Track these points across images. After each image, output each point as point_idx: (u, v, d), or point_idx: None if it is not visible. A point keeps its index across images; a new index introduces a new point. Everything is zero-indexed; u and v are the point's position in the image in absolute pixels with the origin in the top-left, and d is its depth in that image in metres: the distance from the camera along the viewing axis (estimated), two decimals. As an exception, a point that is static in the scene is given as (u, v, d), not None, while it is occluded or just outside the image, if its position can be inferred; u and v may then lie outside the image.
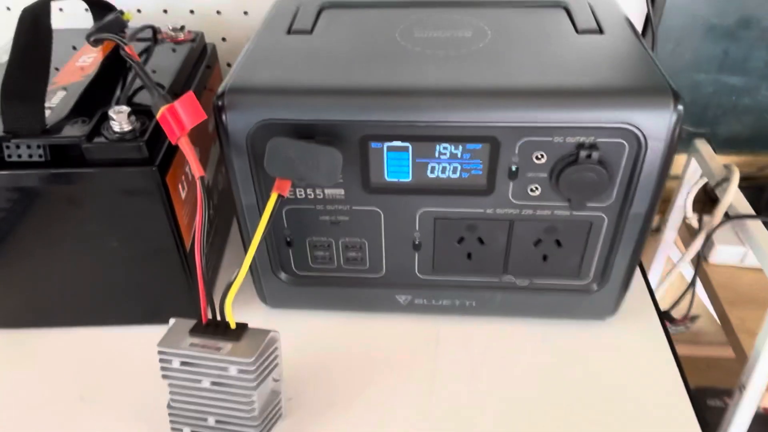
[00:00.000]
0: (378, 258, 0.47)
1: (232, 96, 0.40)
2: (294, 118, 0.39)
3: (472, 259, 0.47)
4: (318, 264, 0.48)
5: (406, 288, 0.49)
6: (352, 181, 0.43)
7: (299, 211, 0.45)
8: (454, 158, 0.41)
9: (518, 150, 0.40)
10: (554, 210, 0.43)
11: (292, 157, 0.38)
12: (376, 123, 0.39)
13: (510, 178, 0.41)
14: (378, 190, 0.43)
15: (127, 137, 0.42)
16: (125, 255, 0.46)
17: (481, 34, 0.46)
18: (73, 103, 0.45)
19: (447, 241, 0.46)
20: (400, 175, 0.42)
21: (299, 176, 0.39)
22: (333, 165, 0.39)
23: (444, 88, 0.39)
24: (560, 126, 0.38)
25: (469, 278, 0.48)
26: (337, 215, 0.45)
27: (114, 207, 0.44)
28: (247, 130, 0.40)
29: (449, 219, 0.44)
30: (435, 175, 0.42)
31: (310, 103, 0.39)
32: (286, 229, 0.46)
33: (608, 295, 0.48)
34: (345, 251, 0.47)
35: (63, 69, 0.50)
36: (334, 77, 0.41)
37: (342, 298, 0.50)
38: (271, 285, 0.50)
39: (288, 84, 0.40)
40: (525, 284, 0.48)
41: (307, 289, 0.50)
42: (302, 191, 0.44)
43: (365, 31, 0.48)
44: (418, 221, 0.45)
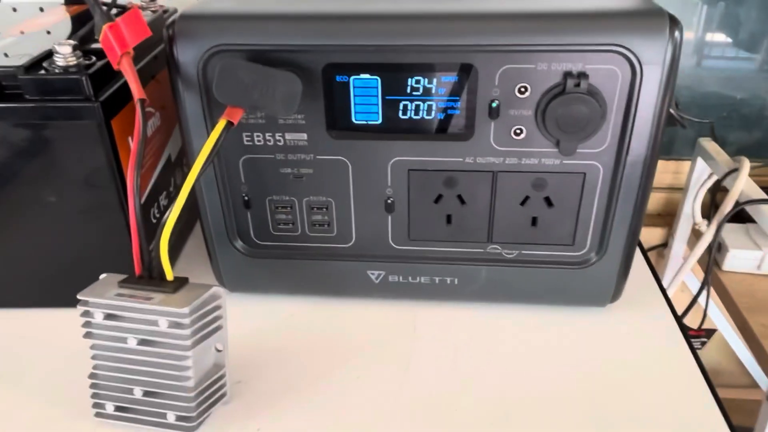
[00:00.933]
0: (347, 222, 0.42)
1: (182, 23, 0.36)
2: (249, 43, 0.36)
3: (453, 223, 0.42)
4: (280, 230, 0.43)
5: (378, 260, 0.44)
6: (315, 124, 0.39)
7: (257, 162, 0.40)
8: (428, 94, 0.37)
9: (498, 80, 0.36)
10: (542, 158, 0.38)
11: (246, 82, 0.35)
12: (340, 48, 0.36)
13: (491, 117, 0.37)
14: (344, 134, 0.39)
15: (71, 71, 0.38)
16: (63, 213, 0.42)
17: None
18: (22, 45, 0.42)
19: (423, 200, 0.41)
20: (368, 116, 0.38)
21: (252, 103, 0.35)
22: (291, 92, 0.35)
23: (416, 12, 0.36)
24: (544, 50, 0.35)
25: (449, 248, 0.43)
26: (299, 167, 0.40)
27: (52, 152, 0.40)
28: (198, 59, 0.36)
29: (425, 170, 0.40)
30: (407, 116, 0.38)
31: (267, 28, 0.36)
32: (243, 185, 0.42)
33: (608, 271, 0.42)
34: (309, 214, 0.42)
35: (21, 25, 0.48)
36: (297, 5, 0.38)
37: (307, 275, 0.45)
38: (228, 259, 0.44)
39: (244, 10, 0.37)
40: (513, 255, 0.43)
41: (269, 263, 0.44)
42: (260, 136, 0.39)
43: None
44: (390, 173, 0.40)
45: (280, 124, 0.39)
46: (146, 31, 0.35)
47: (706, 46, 0.82)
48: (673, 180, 0.78)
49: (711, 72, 0.83)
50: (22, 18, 0.51)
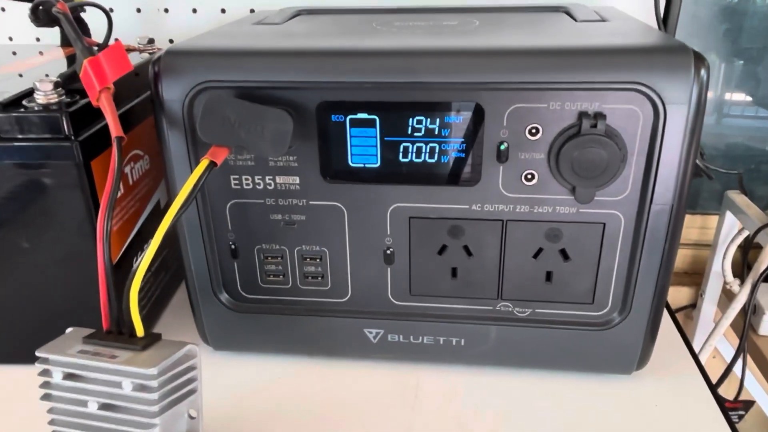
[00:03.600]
0: (342, 274, 0.39)
1: (168, 59, 0.35)
2: (238, 79, 0.34)
3: (458, 277, 0.38)
4: (270, 283, 0.40)
5: (377, 318, 0.40)
6: (308, 167, 0.36)
7: (246, 208, 0.38)
8: (431, 136, 0.35)
9: (507, 120, 0.33)
10: (556, 206, 0.35)
11: (231, 119, 0.33)
12: (336, 85, 0.34)
13: (500, 161, 0.35)
14: (340, 177, 0.36)
15: (51, 108, 0.37)
16: (36, 261, 0.39)
17: (467, 24, 0.42)
18: (2, 86, 0.41)
19: (426, 251, 0.38)
20: (366, 159, 0.36)
21: (239, 142, 0.33)
22: (281, 130, 0.33)
23: (418, 48, 0.34)
24: (557, 88, 0.32)
25: (455, 305, 0.39)
26: (291, 213, 0.38)
27: (28, 194, 0.38)
28: (184, 97, 0.35)
29: (427, 218, 0.37)
30: (408, 159, 0.36)
31: (258, 63, 0.34)
32: (230, 232, 0.39)
33: (633, 334, 0.38)
34: (302, 265, 0.39)
35: (9, 65, 0.47)
36: (290, 43, 0.36)
37: (298, 332, 0.41)
38: (213, 313, 0.41)
39: (234, 45, 0.36)
40: (525, 314, 0.39)
41: (257, 319, 0.41)
42: (249, 180, 0.37)
43: (342, 23, 0.44)
44: (389, 221, 0.37)
45: (271, 166, 0.37)
46: (128, 65, 0.33)
47: (725, 105, 0.81)
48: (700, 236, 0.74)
49: (731, 130, 0.81)
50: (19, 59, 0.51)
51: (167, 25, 0.60)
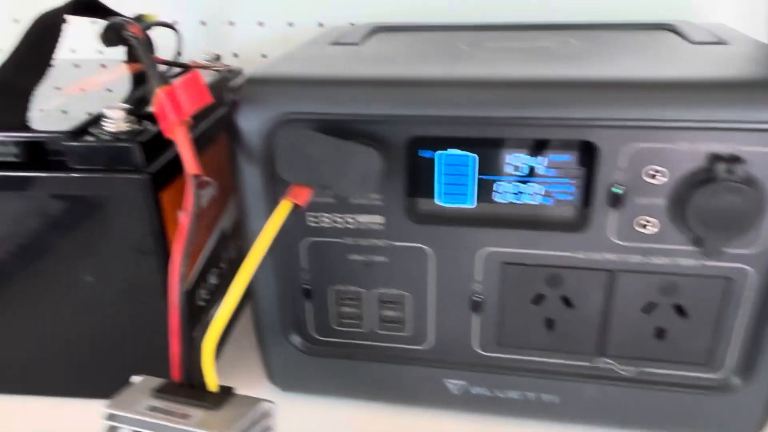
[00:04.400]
0: (423, 320, 0.36)
1: (248, 88, 0.32)
2: (322, 111, 0.31)
3: (555, 329, 0.35)
4: (344, 325, 0.38)
5: (460, 368, 0.37)
6: (393, 206, 0.33)
7: (322, 247, 0.35)
8: (534, 175, 0.31)
9: (626, 162, 0.30)
10: (676, 257, 0.31)
11: (315, 157, 0.30)
12: (428, 119, 0.31)
13: (612, 206, 0.31)
14: (428, 218, 0.33)
15: (121, 138, 0.35)
16: (100, 295, 0.37)
17: (565, 44, 0.38)
18: (72, 107, 0.39)
19: (519, 300, 0.34)
20: (458, 198, 0.33)
21: (322, 182, 0.30)
22: (369, 170, 0.30)
23: (523, 78, 0.31)
24: (687, 126, 0.28)
25: (548, 359, 0.36)
26: (371, 254, 0.35)
27: (94, 227, 0.36)
28: (264, 129, 0.32)
29: (524, 265, 0.33)
30: (506, 200, 0.32)
31: (344, 94, 0.32)
32: (304, 272, 0.36)
33: (755, 400, 0.34)
34: (380, 309, 0.37)
35: (71, 85, 0.46)
36: (377, 70, 0.33)
37: (373, 379, 0.38)
38: (282, 355, 0.39)
39: (318, 74, 0.33)
40: (630, 373, 0.35)
41: (329, 363, 0.38)
42: (328, 218, 0.34)
43: (424, 42, 0.41)
44: (480, 266, 0.34)
45: (353, 204, 0.34)
46: (207, 97, 0.31)
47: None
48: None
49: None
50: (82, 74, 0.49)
51: (232, 39, 0.58)
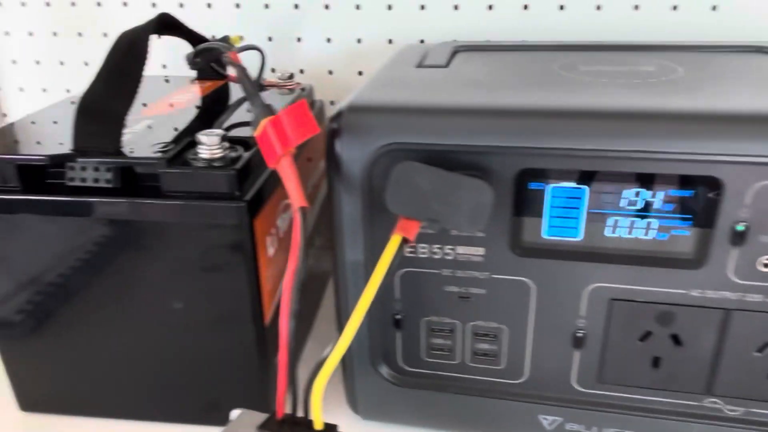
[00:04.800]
0: (519, 355, 0.35)
1: (350, 116, 0.32)
2: (429, 142, 0.31)
3: (661, 367, 0.34)
4: (435, 357, 0.37)
5: (555, 404, 0.36)
6: (496, 238, 0.32)
7: (417, 277, 0.35)
8: (649, 210, 0.30)
9: (751, 199, 0.28)
10: (799, 297, 0.30)
11: (426, 190, 0.29)
12: (540, 151, 0.30)
13: (734, 243, 0.30)
14: (533, 252, 0.32)
15: (216, 164, 0.34)
16: (188, 322, 0.37)
17: (667, 70, 0.37)
18: (159, 130, 0.39)
19: (625, 337, 0.33)
20: (566, 231, 0.32)
21: (432, 216, 0.29)
22: (480, 203, 0.29)
23: (644, 110, 0.30)
24: (823, 163, 0.27)
25: (651, 396, 0.35)
26: (469, 286, 0.34)
27: (186, 254, 0.35)
28: (366, 159, 0.32)
29: (632, 302, 0.32)
30: (617, 235, 0.31)
31: (453, 124, 0.31)
32: (396, 302, 0.36)
33: None
34: (474, 341, 0.36)
35: (151, 105, 0.46)
36: (483, 98, 0.33)
37: (461, 412, 0.37)
38: (368, 384, 0.38)
39: (425, 102, 0.32)
40: (737, 413, 0.34)
41: (416, 394, 0.38)
42: (425, 249, 0.34)
43: (515, 65, 0.40)
44: (585, 302, 0.33)
45: (453, 235, 0.33)
46: (313, 127, 0.30)
47: None
48: None
49: None
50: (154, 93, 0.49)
51: (300, 55, 0.58)
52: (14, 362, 0.40)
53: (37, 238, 0.36)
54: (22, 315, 0.38)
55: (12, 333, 0.39)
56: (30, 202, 0.35)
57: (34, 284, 0.37)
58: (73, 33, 0.62)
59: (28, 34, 0.63)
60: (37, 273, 0.37)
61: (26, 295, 0.37)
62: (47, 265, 0.37)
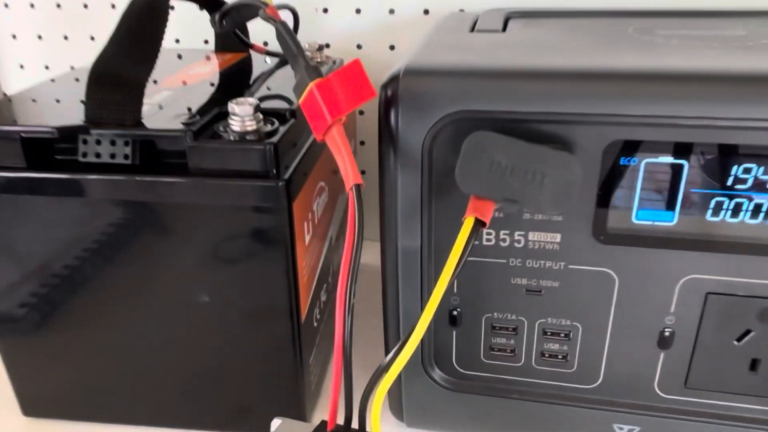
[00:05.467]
0: (595, 356, 0.31)
1: (410, 81, 0.28)
2: (503, 109, 0.27)
3: (759, 371, 0.30)
4: (495, 358, 0.33)
5: (634, 412, 0.32)
6: (577, 222, 0.28)
7: (480, 267, 0.31)
8: (762, 190, 0.26)
9: None
10: None
11: (503, 164, 0.25)
12: (636, 120, 0.26)
13: None
14: (620, 238, 0.28)
15: (250, 138, 0.30)
16: (216, 318, 0.33)
17: (759, 34, 0.33)
18: (180, 102, 0.35)
19: (721, 336, 0.29)
20: (659, 215, 0.27)
21: (510, 195, 0.25)
22: (567, 180, 0.25)
23: (750, 73, 0.26)
24: None
25: (744, 404, 0.31)
26: (540, 278, 0.30)
27: (216, 242, 0.31)
28: (427, 130, 0.27)
29: (733, 296, 0.28)
30: (720, 218, 0.27)
31: (529, 88, 0.27)
32: (454, 296, 0.32)
33: None
34: (541, 341, 0.32)
35: (169, 77, 0.41)
36: (561, 60, 0.28)
37: (524, 419, 0.33)
38: (417, 389, 0.34)
39: (493, 65, 0.28)
40: None
41: (472, 400, 0.34)
42: (491, 234, 0.30)
43: (583, 29, 0.36)
44: (676, 296, 0.29)
45: (525, 219, 0.29)
46: (369, 91, 0.26)
47: None
48: None
49: None
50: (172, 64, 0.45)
51: (326, 28, 0.53)
52: (17, 362, 0.36)
53: (43, 223, 0.32)
54: (26, 309, 0.34)
55: (15, 329, 0.35)
56: (36, 181, 0.31)
57: (39, 275, 0.33)
58: (78, 4, 0.57)
59: (29, 6, 0.58)
60: (44, 262, 0.33)
61: (31, 287, 0.33)
62: (55, 253, 0.33)
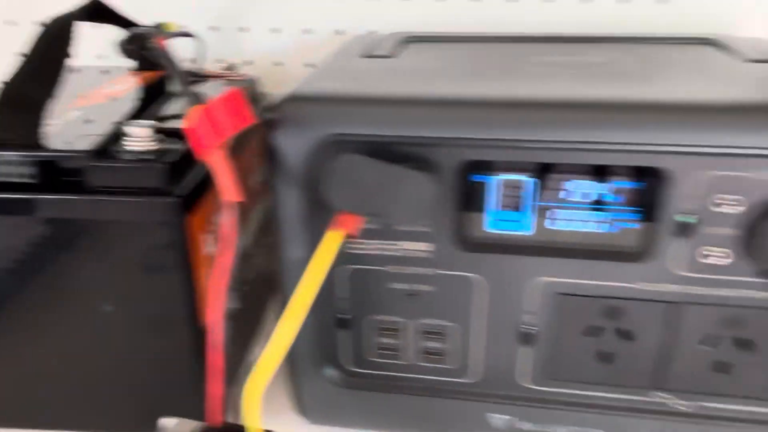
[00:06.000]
0: (468, 353, 0.35)
1: (291, 107, 0.31)
2: (372, 133, 0.30)
3: (608, 362, 0.33)
4: (382, 357, 0.36)
5: (505, 402, 0.35)
6: (443, 233, 0.32)
7: (362, 275, 0.34)
8: (597, 203, 0.30)
9: (698, 189, 0.28)
10: (744, 289, 0.30)
11: (366, 183, 0.28)
12: (485, 142, 0.29)
13: (679, 235, 0.29)
14: (480, 246, 0.32)
15: (147, 157, 0.33)
16: (120, 326, 0.35)
17: (619, 60, 0.37)
18: (89, 121, 0.37)
19: (573, 332, 0.33)
20: (514, 225, 0.31)
21: (373, 210, 0.28)
22: (421, 196, 0.28)
23: (589, 100, 0.29)
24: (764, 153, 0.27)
25: (601, 392, 0.34)
26: (416, 283, 0.33)
27: (116, 254, 0.34)
28: (306, 150, 0.30)
29: (580, 296, 0.32)
30: (565, 228, 0.31)
31: (395, 114, 0.30)
32: (341, 301, 0.35)
33: (819, 436, 0.33)
34: (421, 340, 0.35)
35: (85, 95, 0.43)
36: (427, 88, 0.32)
37: (411, 413, 0.37)
38: (314, 387, 0.37)
39: (367, 92, 0.31)
40: (688, 408, 0.34)
41: (364, 396, 0.37)
42: (370, 245, 0.33)
43: (464, 55, 0.39)
44: (533, 297, 0.32)
45: (398, 231, 0.32)
46: (248, 118, 0.29)
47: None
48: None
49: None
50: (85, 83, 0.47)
51: (245, 46, 0.56)
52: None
53: (-49, 239, 0.34)
54: (-63, 321, 0.36)
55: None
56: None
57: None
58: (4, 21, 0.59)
59: (-47, 21, 0.59)
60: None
61: (-59, 300, 0.35)
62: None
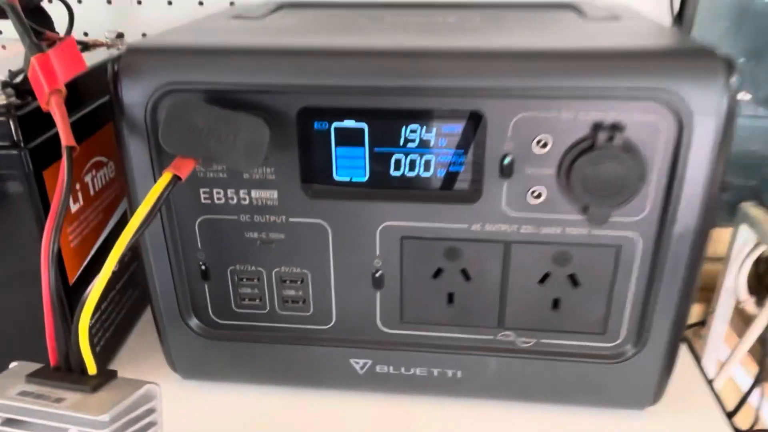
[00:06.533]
0: (326, 299, 0.36)
1: (128, 57, 0.31)
2: (209, 81, 0.31)
3: (455, 303, 0.35)
4: (245, 307, 0.37)
5: (364, 347, 0.37)
6: (288, 180, 0.33)
7: (217, 224, 0.35)
8: (426, 147, 0.32)
9: (512, 131, 0.30)
10: (566, 227, 0.32)
11: (200, 127, 0.29)
12: (319, 89, 0.31)
13: (503, 176, 0.31)
14: (323, 193, 0.33)
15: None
16: (-18, 281, 0.36)
17: (470, 21, 0.39)
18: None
19: (419, 275, 0.35)
20: (353, 171, 0.33)
21: (207, 154, 0.30)
22: (256, 140, 0.30)
23: (413, 49, 0.31)
24: (570, 95, 0.29)
25: (451, 333, 0.36)
26: (268, 231, 0.35)
27: (-32, 208, 0.34)
28: (147, 99, 0.31)
29: (421, 239, 0.34)
30: (401, 173, 0.32)
31: (231, 63, 0.31)
32: (199, 252, 0.36)
33: (648, 367, 0.35)
34: (280, 288, 0.36)
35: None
36: (268, 40, 0.33)
37: (277, 361, 0.38)
38: (181, 340, 0.38)
39: (203, 44, 0.33)
40: (529, 344, 0.36)
41: (230, 347, 0.38)
42: (221, 194, 0.34)
43: (327, 17, 0.41)
44: (378, 241, 0.34)
45: (246, 179, 0.33)
46: (81, 64, 0.30)
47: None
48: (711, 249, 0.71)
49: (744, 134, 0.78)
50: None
51: (140, 19, 0.56)
52: None
53: None
54: None
55: None
56: None
57: None
58: None
59: None
60: None
61: None
62: None
